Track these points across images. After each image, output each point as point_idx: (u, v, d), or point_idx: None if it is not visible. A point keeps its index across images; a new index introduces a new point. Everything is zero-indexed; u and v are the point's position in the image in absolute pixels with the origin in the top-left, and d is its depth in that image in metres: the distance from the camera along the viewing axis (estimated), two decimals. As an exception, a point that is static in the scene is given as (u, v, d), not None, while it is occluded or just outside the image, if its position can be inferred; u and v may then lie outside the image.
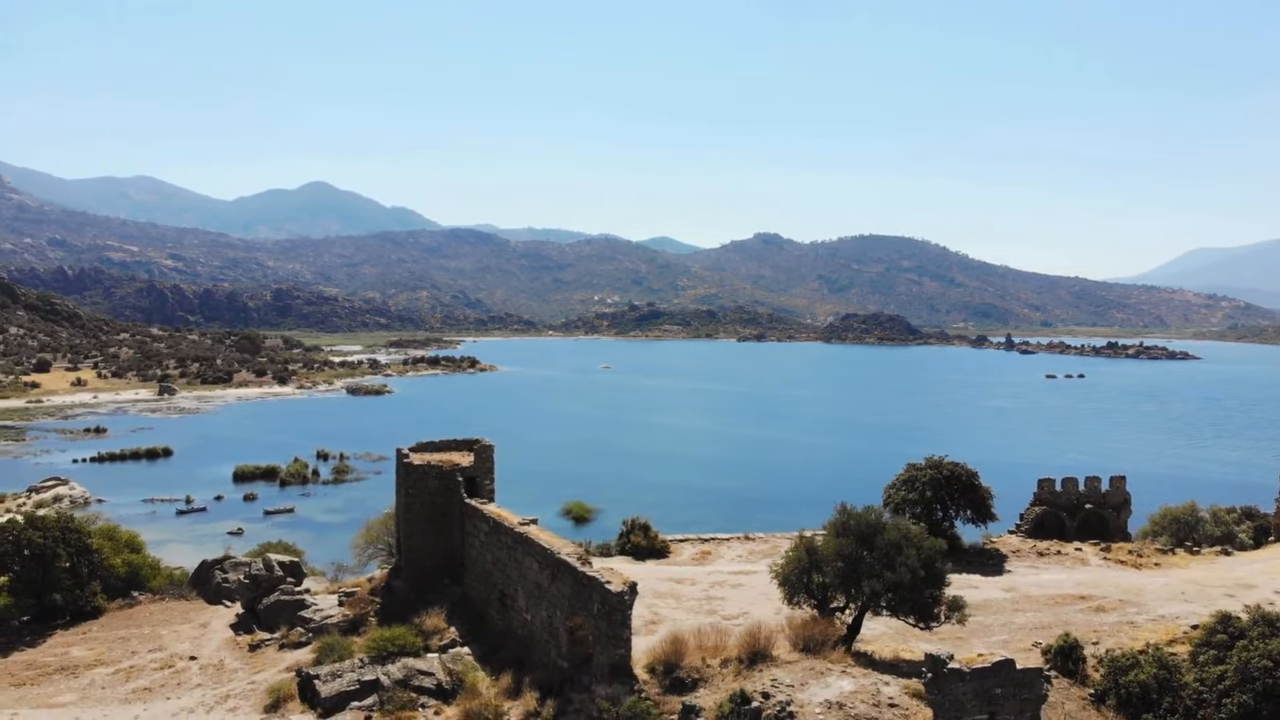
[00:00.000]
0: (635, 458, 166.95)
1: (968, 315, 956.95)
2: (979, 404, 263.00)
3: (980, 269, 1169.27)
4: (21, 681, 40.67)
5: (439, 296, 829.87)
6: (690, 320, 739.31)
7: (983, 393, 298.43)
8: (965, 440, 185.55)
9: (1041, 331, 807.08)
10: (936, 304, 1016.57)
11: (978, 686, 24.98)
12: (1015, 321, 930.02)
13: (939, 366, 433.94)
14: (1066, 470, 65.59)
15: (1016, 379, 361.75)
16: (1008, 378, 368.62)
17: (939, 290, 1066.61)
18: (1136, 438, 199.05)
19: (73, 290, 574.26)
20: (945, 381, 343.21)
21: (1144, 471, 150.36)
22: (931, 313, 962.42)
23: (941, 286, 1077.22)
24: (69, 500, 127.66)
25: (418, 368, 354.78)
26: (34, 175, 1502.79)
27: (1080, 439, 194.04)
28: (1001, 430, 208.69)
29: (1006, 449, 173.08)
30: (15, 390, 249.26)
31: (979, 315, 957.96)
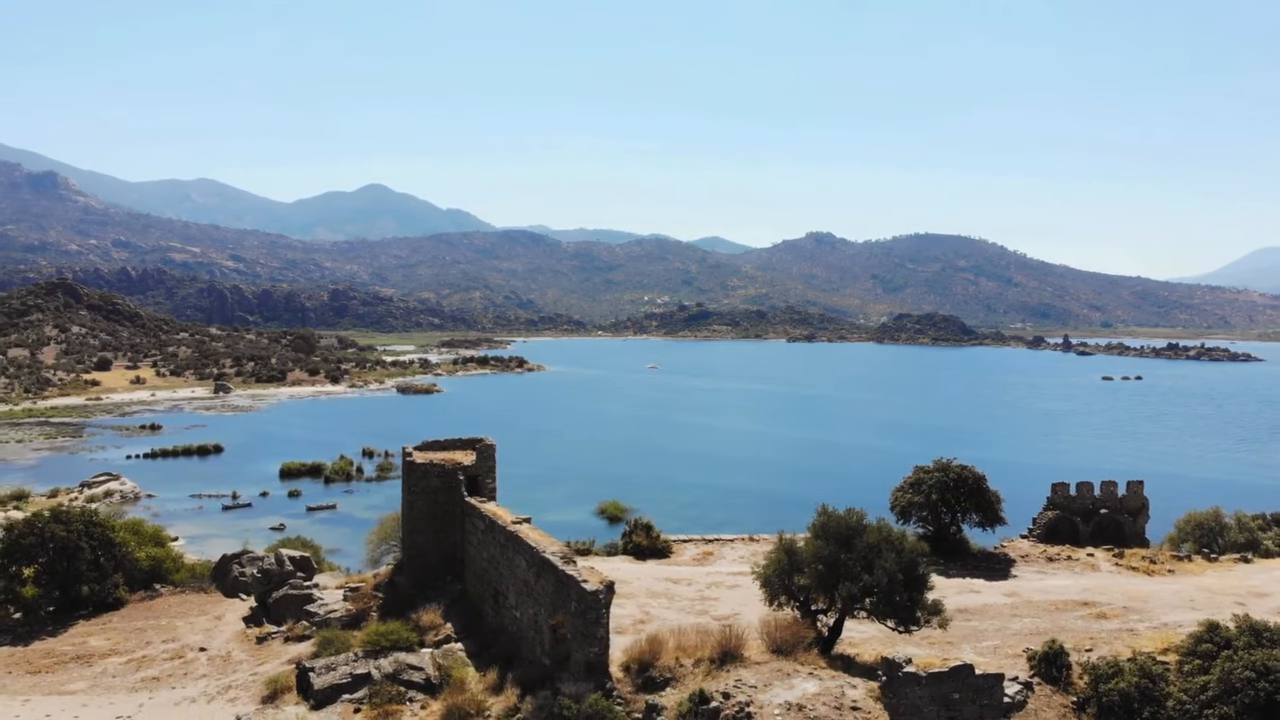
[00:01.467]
0: (675, 458, 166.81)
1: (1025, 316, 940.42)
2: (1029, 406, 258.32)
3: (1039, 268, 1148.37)
4: (38, 669, 42.21)
5: (492, 297, 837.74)
6: (739, 320, 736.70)
7: (1034, 395, 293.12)
8: (1006, 443, 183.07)
9: (1101, 333, 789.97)
10: (993, 304, 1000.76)
11: (934, 691, 24.78)
12: (1074, 322, 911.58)
13: (992, 368, 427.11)
14: (1100, 474, 64.36)
15: (1071, 381, 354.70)
16: (1062, 379, 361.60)
17: (996, 290, 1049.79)
18: (1186, 441, 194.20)
19: (136, 290, 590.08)
20: (997, 383, 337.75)
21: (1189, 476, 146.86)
22: (988, 313, 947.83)
23: (999, 286, 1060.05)
24: (119, 495, 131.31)
25: (467, 367, 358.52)
26: (100, 178, 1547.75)
27: (1126, 442, 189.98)
28: (1047, 433, 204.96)
29: (1047, 452, 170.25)
30: (76, 388, 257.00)
31: (1037, 316, 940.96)
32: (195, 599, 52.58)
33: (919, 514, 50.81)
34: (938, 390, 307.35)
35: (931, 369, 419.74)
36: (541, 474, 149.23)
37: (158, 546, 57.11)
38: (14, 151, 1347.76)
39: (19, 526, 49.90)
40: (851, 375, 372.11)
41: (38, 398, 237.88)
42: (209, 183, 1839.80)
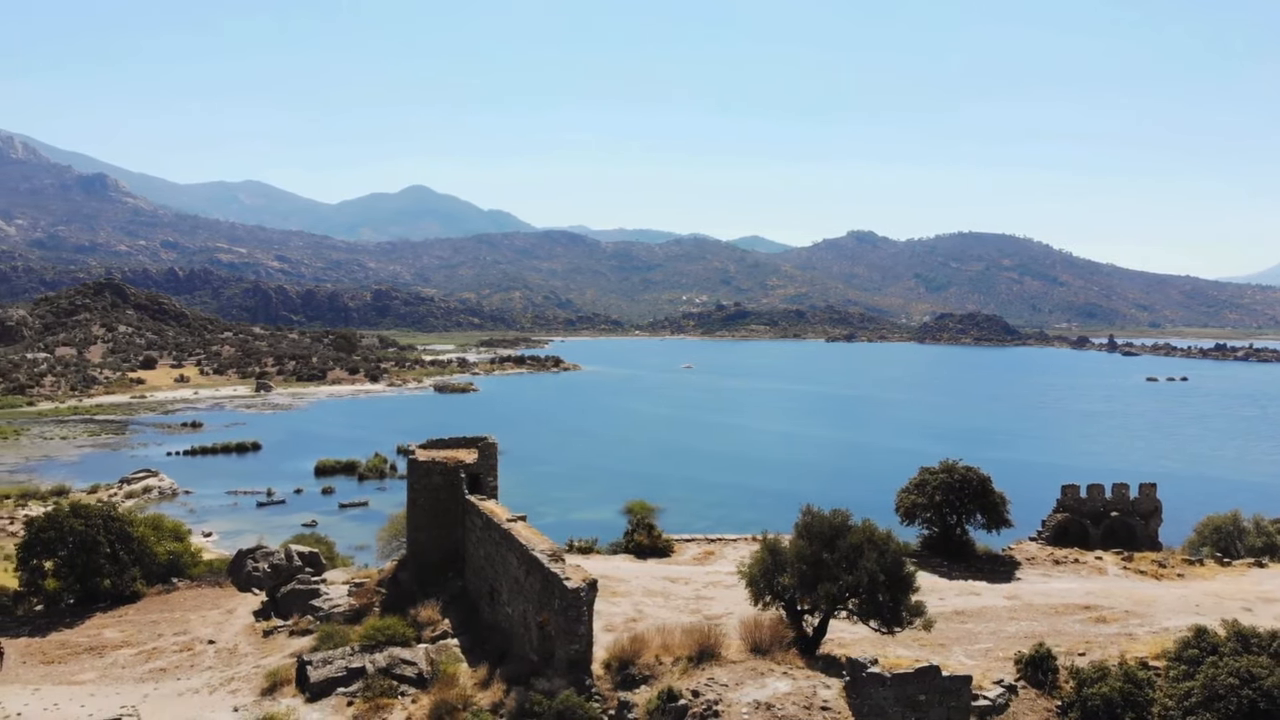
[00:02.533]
0: (705, 458, 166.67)
1: (1071, 316, 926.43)
2: (1068, 407, 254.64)
3: (1085, 267, 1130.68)
4: (51, 660, 43.43)
5: (531, 297, 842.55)
6: (778, 320, 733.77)
7: (1075, 396, 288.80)
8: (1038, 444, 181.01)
9: (1148, 333, 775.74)
10: (1038, 304, 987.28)
11: (899, 692, 24.74)
12: (1121, 322, 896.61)
13: (1035, 369, 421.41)
14: (1129, 476, 63.45)
15: (1114, 382, 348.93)
16: (1105, 380, 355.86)
17: (1041, 289, 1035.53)
18: (1225, 444, 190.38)
19: (183, 290, 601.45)
20: (1038, 384, 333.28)
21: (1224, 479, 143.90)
22: (1033, 313, 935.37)
23: (1044, 285, 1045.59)
24: (157, 491, 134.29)
25: (504, 366, 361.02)
26: (150, 180, 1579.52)
27: (1163, 444, 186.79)
28: (1085, 434, 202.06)
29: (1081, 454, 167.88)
30: (121, 386, 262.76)
31: (1083, 315, 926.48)
32: (210, 593, 53.73)
33: (923, 515, 50.49)
34: (976, 391, 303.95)
35: (971, 369, 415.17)
36: (570, 472, 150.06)
37: (177, 541, 58.44)
38: (65, 154, 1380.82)
39: (40, 520, 51.33)
40: (889, 376, 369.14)
41: (84, 395, 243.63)
42: (256, 184, 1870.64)
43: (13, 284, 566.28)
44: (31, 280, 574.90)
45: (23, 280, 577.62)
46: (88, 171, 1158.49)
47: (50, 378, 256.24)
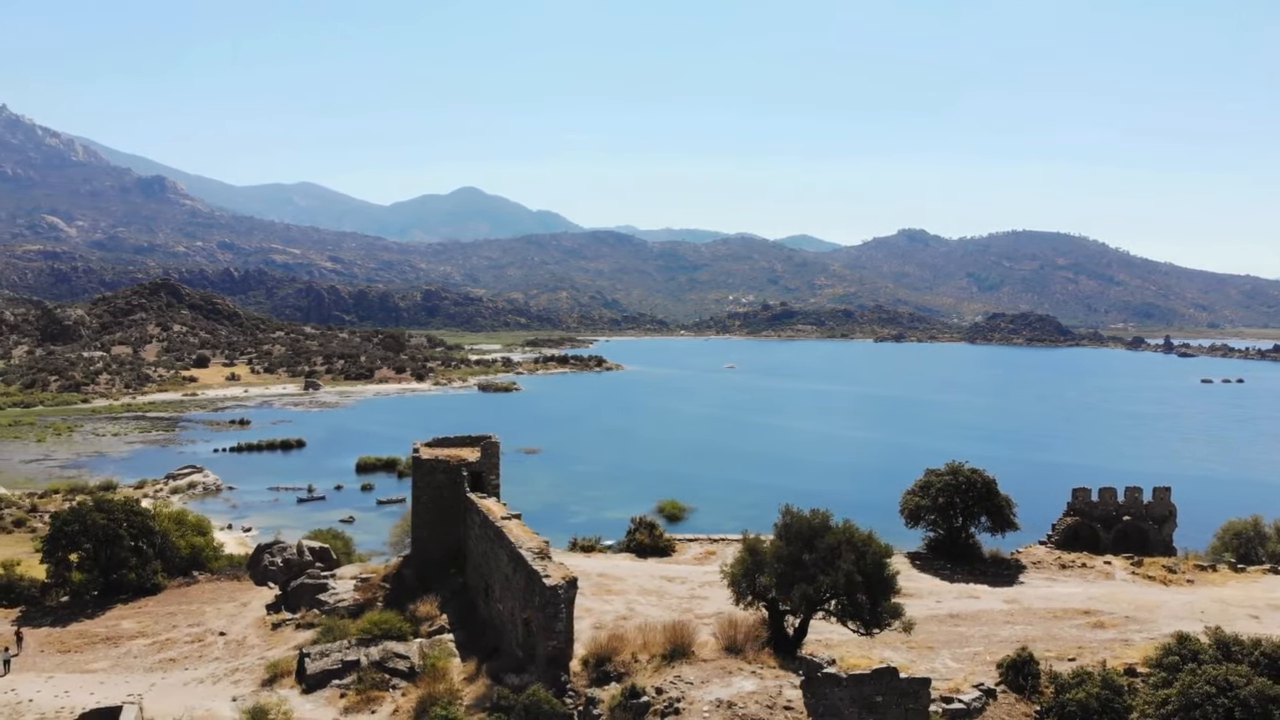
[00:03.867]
0: (741, 458, 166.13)
1: (1128, 316, 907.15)
2: (1116, 409, 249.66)
3: (1142, 266, 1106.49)
4: (68, 649, 44.97)
5: (577, 297, 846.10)
6: (825, 320, 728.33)
7: (1125, 398, 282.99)
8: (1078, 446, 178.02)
9: (1206, 333, 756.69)
10: (1094, 303, 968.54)
11: (855, 693, 24.75)
12: (1179, 322, 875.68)
13: (1087, 370, 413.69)
14: (1162, 479, 62.30)
15: (1167, 383, 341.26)
16: (1158, 382, 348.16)
17: (1097, 289, 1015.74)
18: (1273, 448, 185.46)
19: (238, 290, 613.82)
20: (1088, 386, 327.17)
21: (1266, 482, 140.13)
22: (1089, 313, 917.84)
23: (1100, 285, 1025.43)
24: (202, 487, 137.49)
25: (548, 366, 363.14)
26: (207, 182, 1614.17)
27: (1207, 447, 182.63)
28: (1128, 437, 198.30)
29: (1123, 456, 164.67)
30: (174, 384, 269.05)
31: (1140, 315, 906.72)
32: (228, 586, 55.13)
33: (927, 517, 50.10)
34: (1023, 392, 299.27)
35: (1021, 371, 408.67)
36: (606, 471, 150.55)
37: (199, 535, 59.97)
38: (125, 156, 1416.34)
39: (64, 514, 53.07)
40: (936, 377, 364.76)
41: (137, 393, 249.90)
42: (310, 186, 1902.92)
43: (73, 284, 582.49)
44: (91, 280, 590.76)
45: (83, 280, 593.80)
46: (147, 174, 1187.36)
47: (105, 376, 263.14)
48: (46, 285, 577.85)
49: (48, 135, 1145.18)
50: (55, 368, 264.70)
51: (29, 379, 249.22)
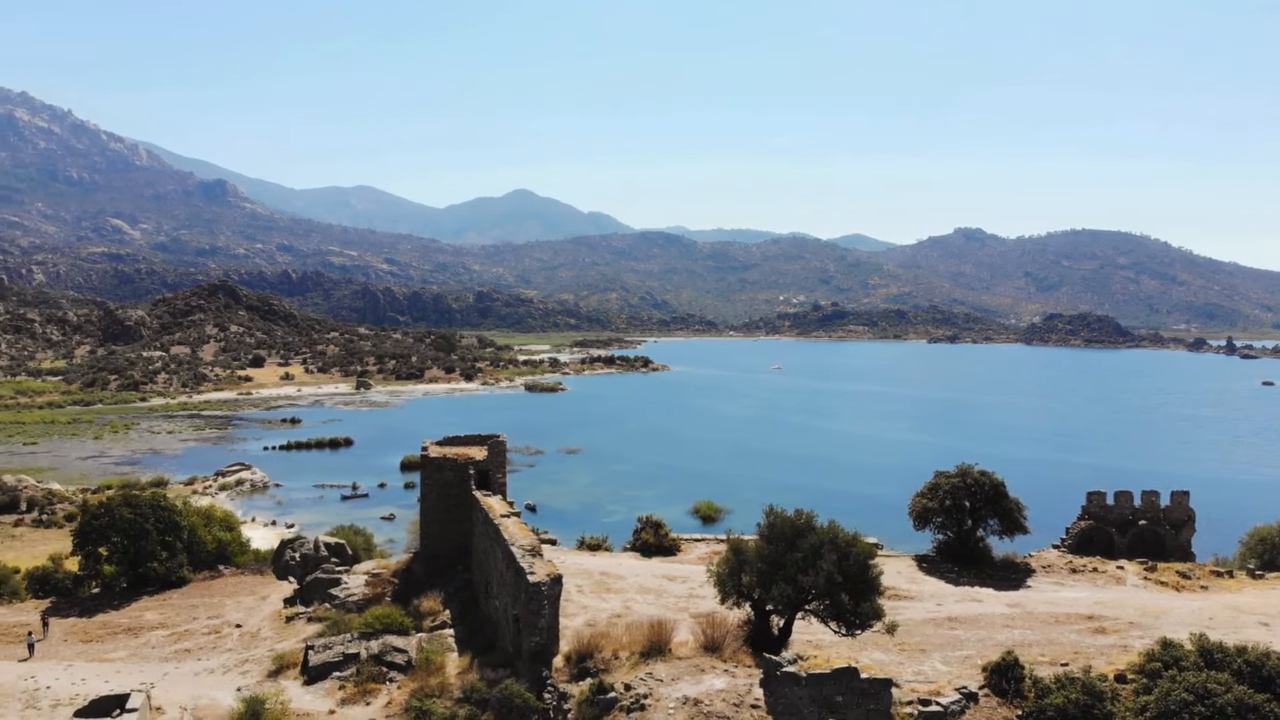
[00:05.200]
0: (781, 460, 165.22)
1: (1190, 316, 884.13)
2: (1171, 412, 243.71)
3: (1206, 266, 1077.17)
4: (90, 638, 46.62)
5: (627, 298, 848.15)
6: (877, 320, 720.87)
7: (1181, 401, 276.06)
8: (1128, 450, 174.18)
9: (1271, 334, 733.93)
10: (1155, 304, 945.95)
11: (815, 692, 24.82)
12: (1244, 323, 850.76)
13: (1144, 371, 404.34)
14: (1200, 483, 61.18)
15: (1226, 386, 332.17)
16: (1217, 384, 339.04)
17: (1159, 289, 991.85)
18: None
19: (296, 292, 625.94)
20: (1144, 388, 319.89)
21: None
22: (1150, 313, 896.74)
23: (1162, 285, 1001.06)
24: (249, 484, 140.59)
25: (594, 366, 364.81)
26: (267, 186, 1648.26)
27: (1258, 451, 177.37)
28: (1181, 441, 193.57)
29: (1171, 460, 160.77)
30: (230, 383, 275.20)
31: (1203, 316, 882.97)
32: (250, 580, 56.60)
33: (934, 519, 49.67)
34: (1077, 395, 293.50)
35: (1079, 373, 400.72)
36: (645, 471, 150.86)
37: (226, 530, 61.59)
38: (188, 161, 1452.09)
39: (93, 509, 54.94)
40: (990, 378, 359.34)
41: (193, 392, 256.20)
42: (368, 189, 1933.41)
43: (136, 286, 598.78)
44: (154, 282, 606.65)
45: (146, 282, 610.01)
46: (209, 178, 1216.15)
47: (164, 375, 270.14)
48: (111, 287, 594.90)
49: (112, 140, 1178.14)
50: (115, 367, 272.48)
51: (89, 378, 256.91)
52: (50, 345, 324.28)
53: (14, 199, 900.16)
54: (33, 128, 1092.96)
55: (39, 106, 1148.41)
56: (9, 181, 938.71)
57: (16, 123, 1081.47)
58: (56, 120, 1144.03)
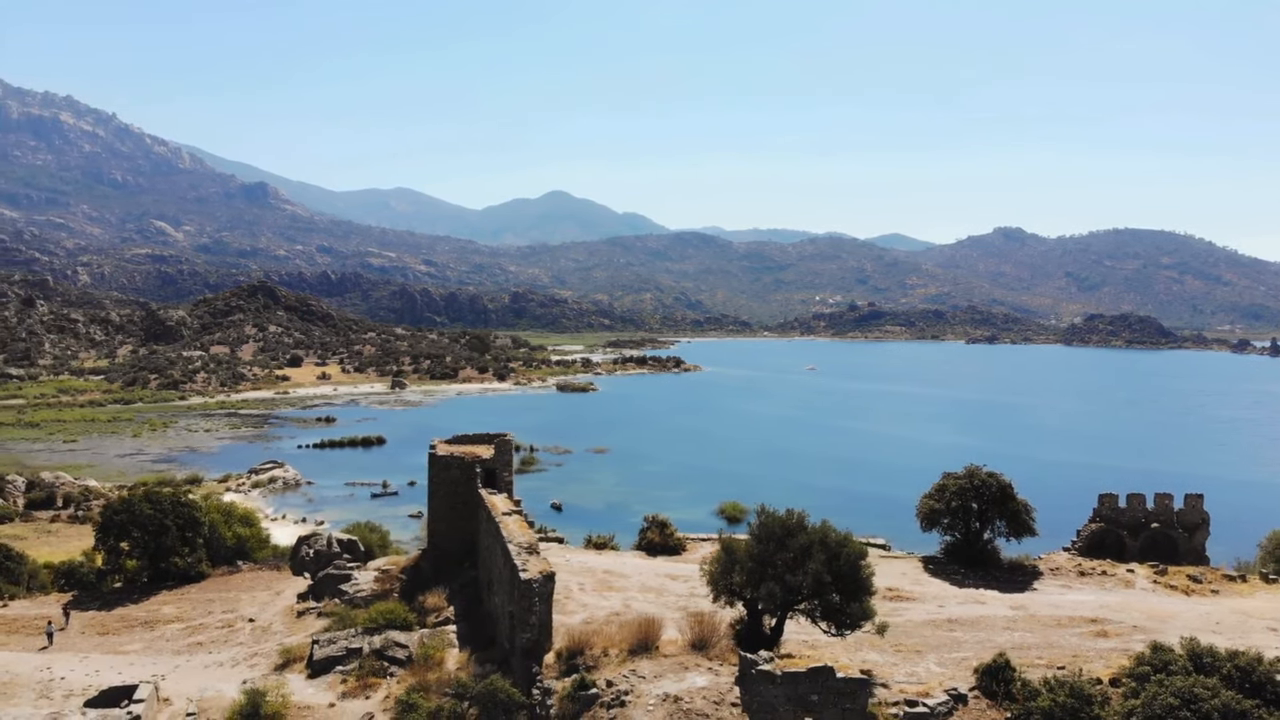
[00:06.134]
0: (811, 461, 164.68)
1: (1235, 317, 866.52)
2: (1209, 414, 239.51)
3: (1252, 266, 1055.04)
4: (107, 631, 47.77)
5: (661, 298, 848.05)
6: (915, 321, 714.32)
7: (1219, 402, 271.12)
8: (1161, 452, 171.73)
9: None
10: (1200, 304, 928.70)
11: (790, 690, 24.91)
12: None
13: (1186, 373, 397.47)
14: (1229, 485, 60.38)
15: (1267, 388, 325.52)
16: (1258, 386, 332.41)
17: (1203, 289, 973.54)
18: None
19: (335, 292, 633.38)
20: (1183, 390, 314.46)
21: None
22: (1194, 314, 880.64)
23: (1206, 285, 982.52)
24: (282, 482, 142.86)
25: (626, 367, 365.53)
26: (307, 188, 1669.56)
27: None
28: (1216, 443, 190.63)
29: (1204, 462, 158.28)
30: (267, 382, 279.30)
31: (1249, 317, 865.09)
32: (267, 575, 57.63)
33: (941, 521, 49.38)
34: (1114, 396, 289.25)
35: (1116, 374, 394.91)
36: (672, 472, 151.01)
37: (246, 527, 62.75)
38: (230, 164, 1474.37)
39: (114, 504, 56.26)
40: (1028, 379, 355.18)
41: (232, 391, 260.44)
42: (406, 191, 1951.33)
43: (179, 286, 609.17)
44: (196, 283, 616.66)
45: (188, 283, 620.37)
46: (250, 180, 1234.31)
47: (203, 374, 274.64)
48: (154, 287, 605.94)
49: (156, 144, 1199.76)
50: (156, 366, 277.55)
51: (130, 377, 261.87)
52: (93, 345, 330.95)
53: (60, 201, 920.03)
54: (78, 131, 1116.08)
55: (84, 110, 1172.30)
56: (55, 184, 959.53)
57: (62, 126, 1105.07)
58: (101, 124, 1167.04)
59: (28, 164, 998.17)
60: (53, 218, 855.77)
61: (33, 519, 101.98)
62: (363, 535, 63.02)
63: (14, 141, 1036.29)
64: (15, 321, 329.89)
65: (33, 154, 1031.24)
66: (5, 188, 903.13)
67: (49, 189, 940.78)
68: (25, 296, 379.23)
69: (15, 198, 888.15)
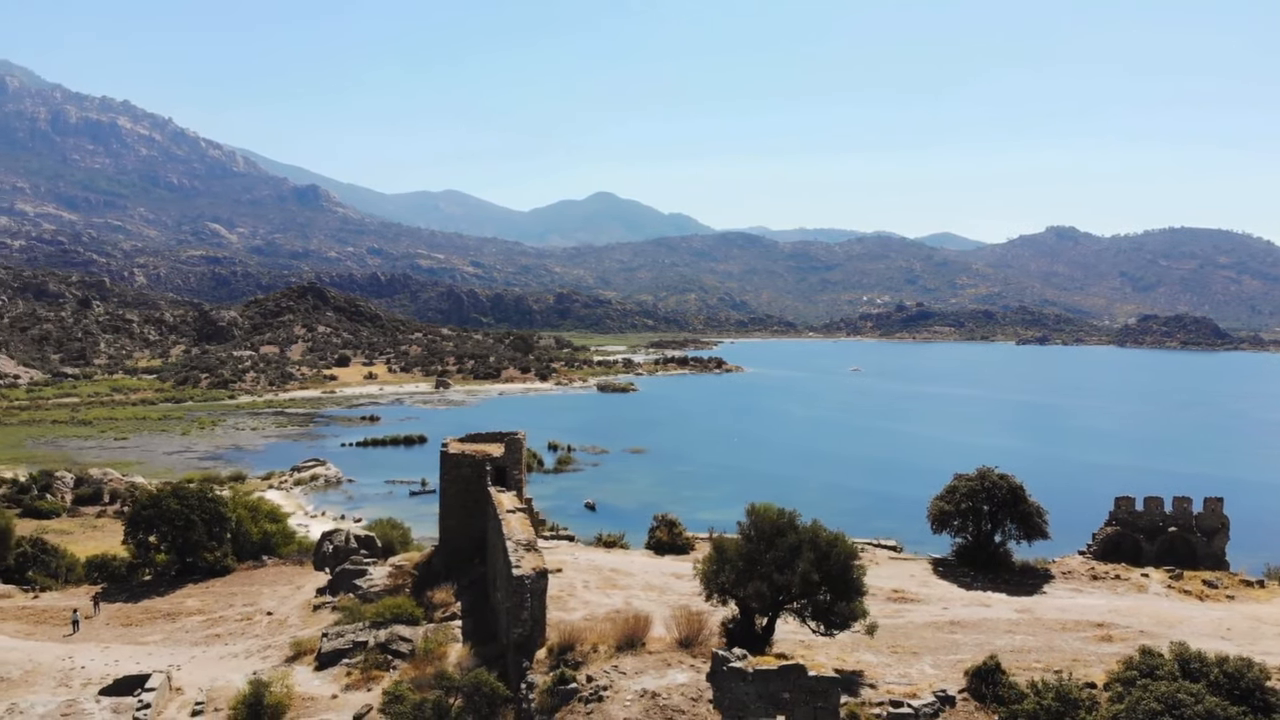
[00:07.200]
0: (850, 463, 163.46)
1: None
2: (1258, 417, 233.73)
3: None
4: (130, 622, 49.23)
5: (706, 299, 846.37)
6: (964, 321, 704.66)
7: (1270, 405, 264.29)
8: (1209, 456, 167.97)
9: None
10: (1258, 305, 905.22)
11: (761, 688, 25.06)
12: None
13: (1239, 375, 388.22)
14: None
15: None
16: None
17: (1262, 289, 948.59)
18: None
19: (384, 294, 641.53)
20: (1235, 392, 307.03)
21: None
22: (1252, 315, 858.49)
23: (1265, 285, 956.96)
24: (323, 479, 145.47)
25: (667, 367, 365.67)
26: (358, 191, 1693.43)
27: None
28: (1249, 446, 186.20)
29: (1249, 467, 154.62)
30: (315, 382, 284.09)
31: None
32: (290, 570, 58.92)
33: (950, 523, 49.00)
34: (1165, 399, 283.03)
35: (1168, 375, 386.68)
36: (707, 472, 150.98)
37: (273, 523, 64.19)
38: (282, 167, 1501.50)
39: (143, 499, 57.94)
40: (1080, 381, 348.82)
41: (280, 390, 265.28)
42: (455, 194, 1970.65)
43: (232, 288, 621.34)
44: (249, 284, 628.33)
45: (242, 284, 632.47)
46: (302, 183, 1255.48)
47: (252, 374, 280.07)
48: (208, 289, 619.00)
49: (211, 147, 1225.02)
50: (207, 366, 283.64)
51: (182, 376, 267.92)
52: (147, 345, 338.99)
53: (118, 204, 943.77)
54: (135, 135, 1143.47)
55: (141, 115, 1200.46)
56: (113, 187, 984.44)
57: (120, 130, 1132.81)
58: (158, 128, 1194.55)
59: (86, 168, 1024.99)
60: (110, 220, 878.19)
61: (80, 514, 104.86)
62: (384, 531, 64.16)
63: (73, 146, 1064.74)
64: (72, 322, 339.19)
65: (91, 158, 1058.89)
66: (65, 191, 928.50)
67: (107, 192, 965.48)
68: (82, 297, 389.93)
69: (74, 201, 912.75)
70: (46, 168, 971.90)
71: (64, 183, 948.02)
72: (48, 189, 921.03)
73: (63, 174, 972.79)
